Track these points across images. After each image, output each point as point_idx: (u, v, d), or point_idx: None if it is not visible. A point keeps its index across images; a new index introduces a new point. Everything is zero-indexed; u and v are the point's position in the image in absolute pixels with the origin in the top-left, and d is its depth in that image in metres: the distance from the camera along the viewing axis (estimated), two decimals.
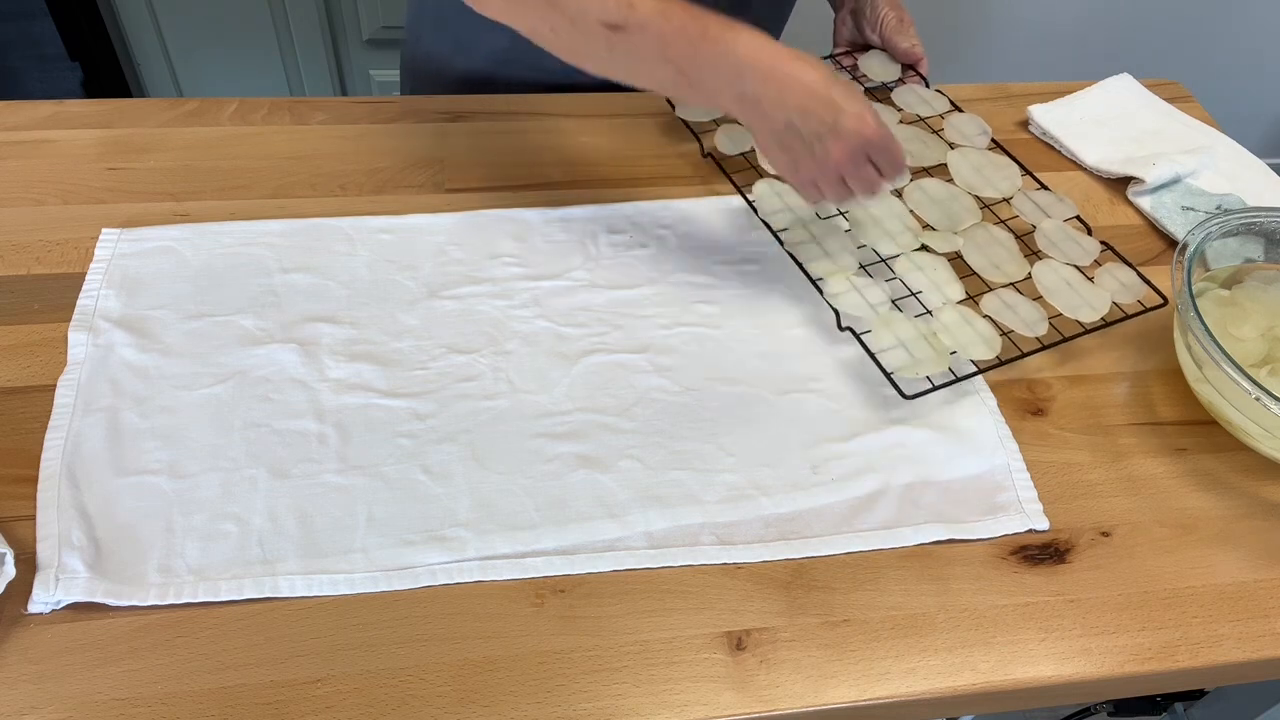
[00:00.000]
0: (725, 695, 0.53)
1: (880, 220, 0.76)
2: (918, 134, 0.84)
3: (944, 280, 0.72)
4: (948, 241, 0.75)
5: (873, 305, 0.70)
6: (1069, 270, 0.73)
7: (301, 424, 0.64)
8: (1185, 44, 1.95)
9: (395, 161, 0.84)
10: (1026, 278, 0.73)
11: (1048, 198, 0.80)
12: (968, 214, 0.77)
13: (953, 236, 0.76)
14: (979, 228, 0.76)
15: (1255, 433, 0.64)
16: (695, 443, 0.65)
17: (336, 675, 0.53)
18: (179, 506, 0.59)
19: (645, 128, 0.90)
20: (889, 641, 0.56)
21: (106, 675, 0.52)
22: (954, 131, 0.84)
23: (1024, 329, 0.69)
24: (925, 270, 0.73)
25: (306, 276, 0.73)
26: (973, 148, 0.83)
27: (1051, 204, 0.79)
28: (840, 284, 0.72)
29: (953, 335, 0.68)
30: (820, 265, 0.73)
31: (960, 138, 0.84)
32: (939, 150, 0.83)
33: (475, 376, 0.68)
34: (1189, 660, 0.57)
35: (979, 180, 0.80)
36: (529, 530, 0.59)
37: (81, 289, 0.70)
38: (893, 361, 0.67)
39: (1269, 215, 0.73)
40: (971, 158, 0.82)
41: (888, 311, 0.70)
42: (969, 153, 0.82)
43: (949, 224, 0.77)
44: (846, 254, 0.74)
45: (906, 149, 0.77)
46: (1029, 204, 0.79)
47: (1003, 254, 0.74)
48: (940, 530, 0.61)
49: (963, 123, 0.85)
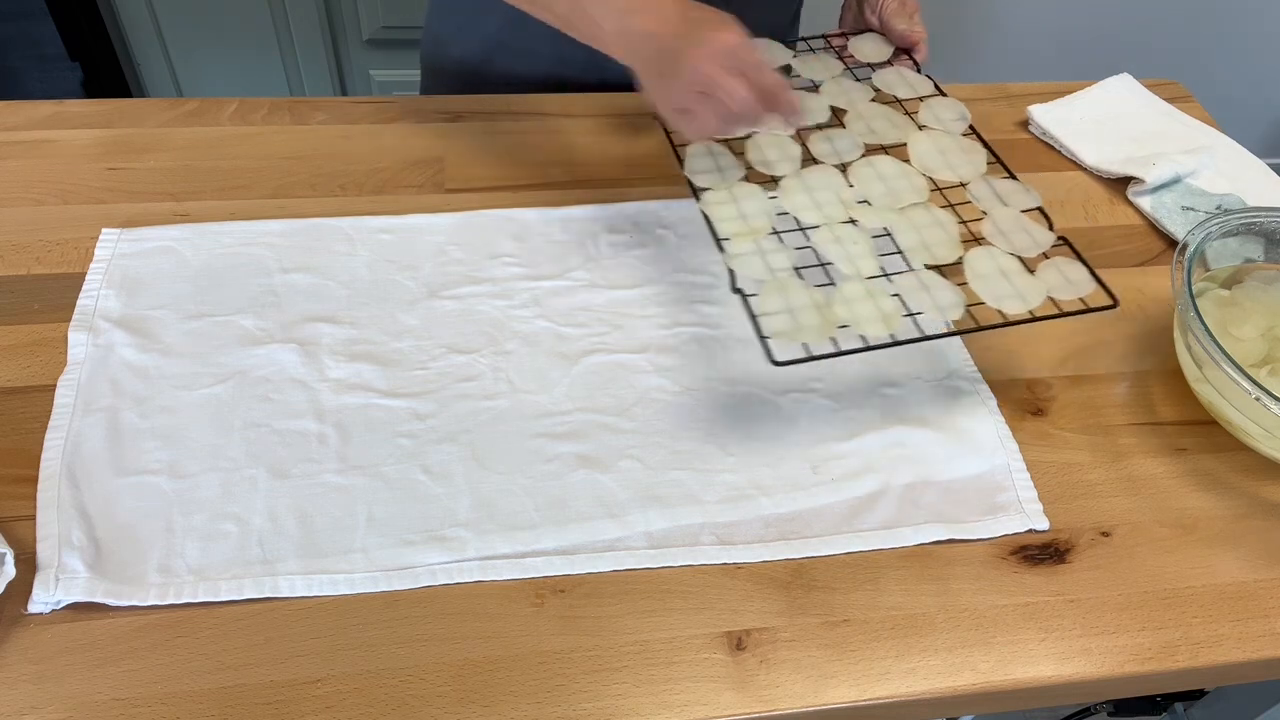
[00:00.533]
0: (725, 695, 0.53)
1: (813, 189, 0.72)
2: (888, 113, 0.80)
3: (860, 254, 0.67)
4: (879, 217, 0.70)
5: (773, 269, 0.66)
6: (1009, 260, 0.68)
7: (301, 424, 0.64)
8: (1185, 44, 1.95)
9: (395, 161, 0.84)
10: (957, 262, 0.67)
11: (1011, 186, 0.74)
12: (913, 193, 0.72)
13: (887, 213, 0.71)
14: (920, 208, 0.71)
15: (1255, 433, 0.64)
16: (695, 443, 0.65)
17: (336, 675, 0.53)
18: (179, 506, 0.59)
19: (645, 128, 0.90)
20: (889, 641, 0.56)
21: (106, 675, 0.52)
22: (929, 115, 0.80)
23: (935, 312, 0.64)
24: (844, 243, 0.68)
25: (306, 276, 0.73)
26: (944, 131, 0.78)
27: (1013, 193, 0.74)
28: (745, 245, 0.68)
29: (851, 309, 0.63)
30: (730, 225, 0.70)
31: (934, 121, 0.79)
32: (905, 131, 0.78)
33: (475, 376, 0.68)
34: (1189, 660, 0.57)
35: (939, 163, 0.75)
36: (529, 530, 0.59)
37: (81, 289, 0.70)
38: (772, 326, 0.62)
39: (1269, 215, 0.73)
40: (939, 141, 0.77)
41: (787, 277, 0.65)
42: (937, 136, 0.78)
43: (890, 201, 0.72)
44: (763, 217, 0.70)
45: (871, 126, 0.77)
46: (987, 191, 0.74)
47: (940, 236, 0.69)
48: (940, 530, 0.61)
49: (941, 107, 0.81)
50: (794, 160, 0.73)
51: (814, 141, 0.75)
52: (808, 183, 0.73)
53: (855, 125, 0.77)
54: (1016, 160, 0.90)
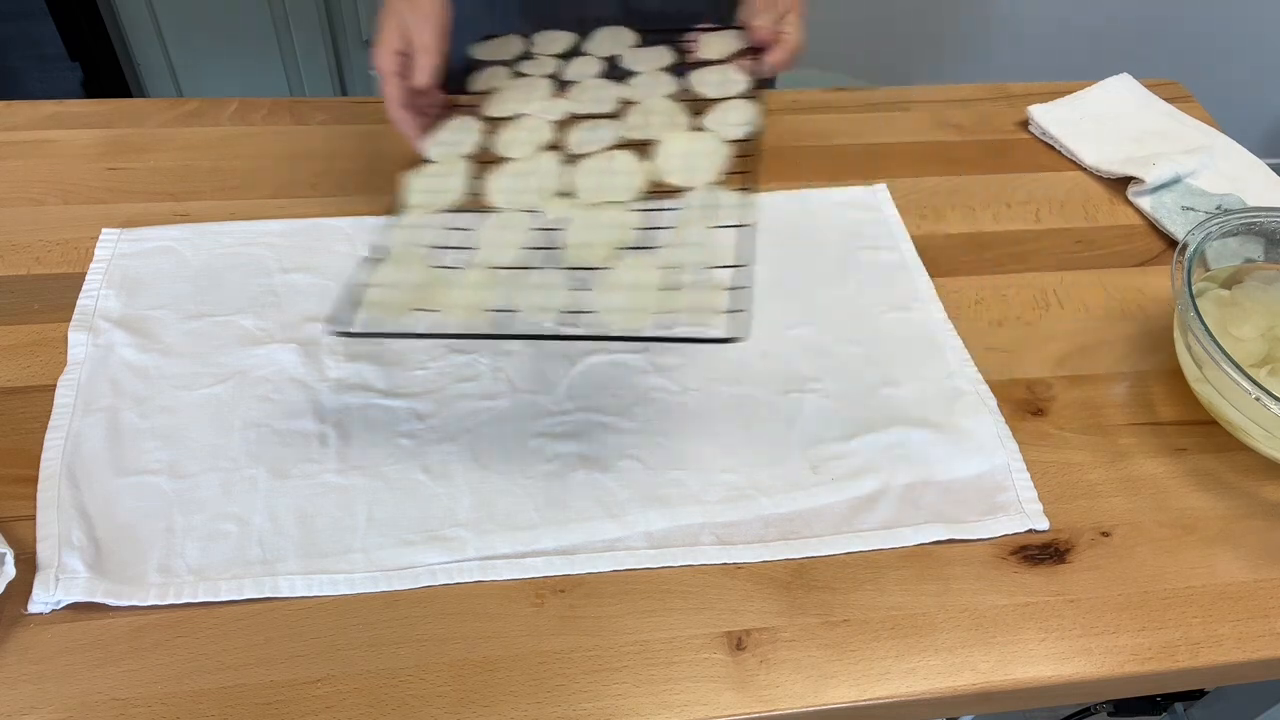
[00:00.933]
0: (725, 695, 0.53)
1: (525, 174, 0.68)
2: (674, 111, 0.73)
3: (508, 244, 0.63)
4: (566, 210, 0.65)
5: (411, 244, 0.63)
6: (652, 274, 0.61)
7: (301, 424, 0.64)
8: (1185, 44, 1.95)
9: (395, 161, 0.83)
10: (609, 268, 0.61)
11: (735, 199, 0.66)
12: (620, 192, 0.66)
13: (577, 207, 0.65)
14: (616, 208, 0.66)
15: (1255, 433, 0.64)
16: (695, 443, 0.65)
17: (336, 675, 0.53)
18: (179, 506, 0.59)
19: None
20: (889, 641, 0.56)
21: (106, 675, 0.52)
22: (716, 118, 0.73)
23: (537, 312, 0.59)
24: (505, 229, 0.64)
25: (306, 276, 0.73)
26: (711, 134, 0.71)
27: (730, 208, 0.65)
28: (414, 218, 0.65)
29: (450, 295, 0.59)
30: (419, 197, 0.67)
31: (716, 124, 0.72)
32: (671, 129, 0.72)
33: (475, 376, 0.68)
34: (1189, 660, 0.57)
35: (677, 165, 0.69)
36: (529, 530, 0.59)
37: (81, 289, 0.70)
38: (367, 297, 0.59)
39: (1269, 215, 0.73)
40: (699, 144, 0.71)
41: (416, 253, 0.62)
42: (701, 138, 0.71)
43: (593, 196, 0.66)
44: (452, 195, 0.67)
45: (647, 121, 0.72)
46: (703, 201, 0.66)
47: (608, 238, 0.63)
48: (940, 530, 0.61)
49: (735, 111, 0.74)
50: (535, 145, 0.70)
51: (577, 129, 0.72)
52: (526, 167, 0.69)
53: (632, 118, 0.73)
54: (1016, 160, 0.91)
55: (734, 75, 0.78)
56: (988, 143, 0.92)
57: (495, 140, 0.71)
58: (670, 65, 0.79)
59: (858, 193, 0.85)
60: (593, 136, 0.71)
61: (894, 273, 0.78)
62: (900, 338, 0.73)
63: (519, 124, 0.73)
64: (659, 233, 0.64)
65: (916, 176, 0.87)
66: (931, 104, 0.96)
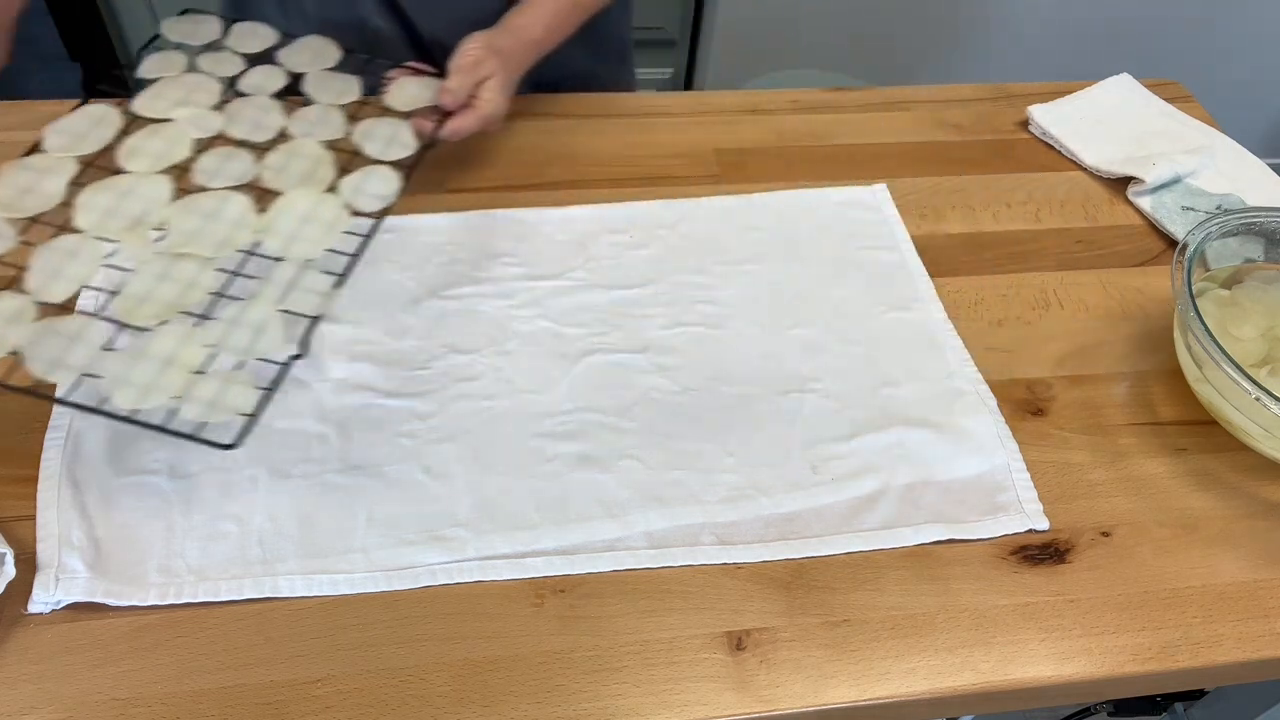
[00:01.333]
0: (725, 695, 0.53)
1: (125, 195, 0.63)
2: (324, 160, 0.69)
3: (70, 276, 0.58)
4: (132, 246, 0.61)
5: None
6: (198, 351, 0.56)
7: (302, 424, 0.64)
8: (1185, 44, 1.95)
9: None
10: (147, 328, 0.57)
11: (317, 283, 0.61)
12: (209, 245, 0.61)
13: (143, 247, 0.61)
14: (190, 260, 0.60)
15: (1255, 433, 0.64)
16: (695, 443, 0.65)
17: (336, 675, 0.53)
18: (179, 506, 0.59)
19: (645, 128, 0.90)
20: (889, 641, 0.56)
21: (106, 675, 0.52)
22: (354, 181, 0.68)
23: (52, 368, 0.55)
24: (73, 259, 0.59)
25: None
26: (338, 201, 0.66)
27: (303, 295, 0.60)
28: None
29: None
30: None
31: (350, 189, 0.67)
32: (305, 184, 0.66)
33: (476, 376, 0.68)
34: (1189, 660, 0.57)
35: (284, 231, 0.63)
36: (529, 530, 0.59)
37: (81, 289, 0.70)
38: None
39: (1269, 215, 0.73)
40: (322, 208, 0.65)
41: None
42: (327, 201, 0.65)
43: (181, 242, 0.62)
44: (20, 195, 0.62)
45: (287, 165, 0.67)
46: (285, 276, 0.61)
47: (171, 296, 0.58)
48: (940, 530, 0.61)
49: (377, 179, 0.68)
50: (159, 162, 0.66)
51: (213, 154, 0.67)
52: (134, 186, 0.64)
53: (274, 158, 0.68)
54: (1016, 160, 0.91)
55: (404, 135, 0.72)
56: (988, 143, 0.92)
57: (122, 144, 0.65)
58: (352, 103, 0.74)
59: (857, 193, 0.85)
60: (221, 168, 0.66)
61: (894, 273, 0.78)
62: (900, 338, 0.73)
63: (158, 131, 0.68)
64: (230, 303, 0.59)
65: (916, 176, 0.87)
66: (931, 104, 0.96)
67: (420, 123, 0.74)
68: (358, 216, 0.65)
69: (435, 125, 0.74)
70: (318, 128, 0.71)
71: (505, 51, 0.77)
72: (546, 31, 0.80)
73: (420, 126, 0.74)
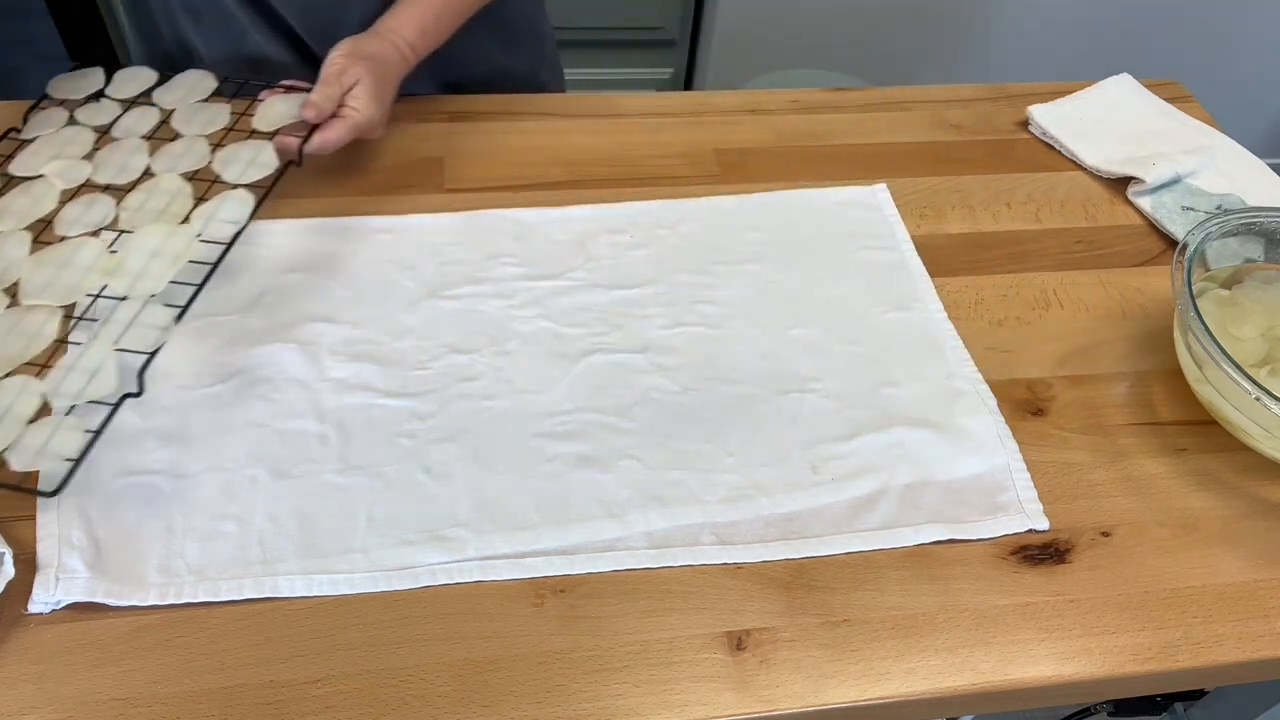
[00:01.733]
0: (725, 695, 0.53)
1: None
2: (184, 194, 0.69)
3: None
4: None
5: None
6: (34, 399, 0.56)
7: (302, 424, 0.64)
8: (1185, 44, 1.95)
9: (395, 161, 0.84)
10: None
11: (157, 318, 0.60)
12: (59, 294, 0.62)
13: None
14: (35, 311, 0.61)
15: (1255, 433, 0.64)
16: (695, 443, 0.65)
17: (336, 675, 0.53)
18: (179, 506, 0.59)
19: (645, 128, 0.90)
20: (889, 641, 0.56)
21: (106, 675, 0.52)
22: (206, 210, 0.67)
23: None
24: None
25: (306, 276, 0.73)
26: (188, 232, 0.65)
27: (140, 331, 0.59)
28: None
29: None
30: None
31: (202, 218, 0.67)
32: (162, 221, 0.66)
33: (476, 376, 0.68)
34: (1189, 660, 0.57)
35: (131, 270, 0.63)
36: (529, 530, 0.59)
37: None
38: None
39: (1269, 215, 0.73)
40: (168, 242, 0.65)
41: None
42: (171, 237, 0.65)
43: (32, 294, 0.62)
44: None
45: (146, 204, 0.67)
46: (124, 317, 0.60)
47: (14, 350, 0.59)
48: (940, 530, 0.61)
49: (230, 206, 0.68)
50: (18, 220, 0.66)
51: (75, 204, 0.68)
52: None
53: (134, 198, 0.68)
54: (1016, 160, 0.91)
55: (265, 156, 0.71)
56: (988, 143, 0.92)
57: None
58: (219, 130, 0.74)
59: (857, 192, 0.85)
60: (82, 216, 0.66)
61: (894, 272, 0.78)
62: (900, 338, 0.73)
63: (28, 188, 0.69)
64: (72, 348, 0.59)
65: (916, 176, 0.87)
66: (931, 104, 0.96)
67: (284, 140, 0.73)
68: (208, 244, 0.65)
69: (301, 140, 0.73)
70: (182, 161, 0.71)
71: (373, 56, 0.75)
72: (420, 33, 0.78)
73: (284, 144, 0.73)
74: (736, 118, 0.92)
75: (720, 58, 1.82)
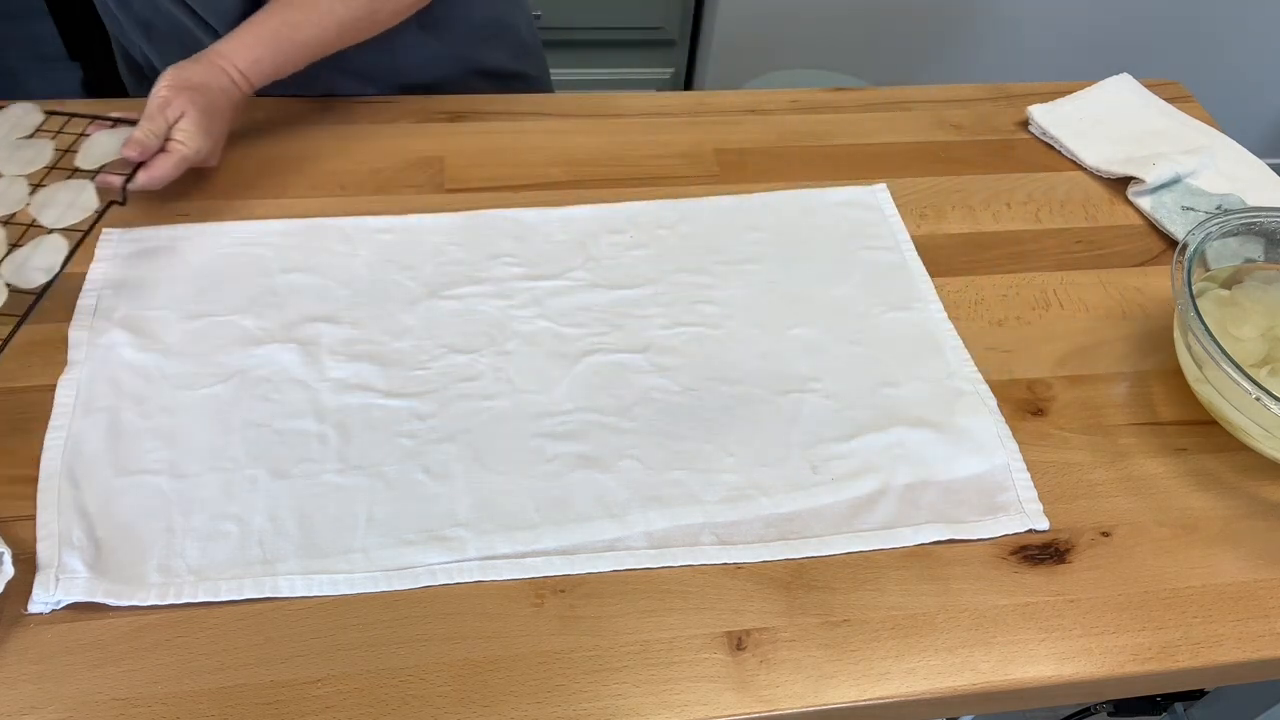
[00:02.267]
0: (725, 695, 0.53)
1: None
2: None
3: None
4: None
5: None
6: None
7: (302, 424, 0.64)
8: (1185, 44, 1.95)
9: (395, 161, 0.84)
10: None
11: None
12: None
13: None
14: None
15: (1255, 433, 0.64)
16: (695, 443, 0.65)
17: (336, 675, 0.53)
18: (179, 506, 0.59)
19: (645, 128, 0.90)
20: (889, 641, 0.56)
21: (106, 675, 0.52)
22: (19, 256, 0.66)
23: None
24: None
25: (306, 276, 0.73)
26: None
27: None
28: None
29: None
30: None
31: (12, 267, 0.65)
32: None
33: (476, 376, 0.68)
34: (1189, 660, 0.57)
35: None
36: (529, 530, 0.59)
37: (82, 289, 0.70)
38: None
39: (1269, 215, 0.73)
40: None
41: None
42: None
43: None
44: None
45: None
46: None
47: None
48: (940, 530, 0.61)
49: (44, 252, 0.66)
50: None
51: None
52: None
53: None
54: (1016, 160, 0.91)
55: (86, 198, 0.69)
56: (988, 143, 0.92)
57: None
58: (40, 169, 0.71)
59: (857, 192, 0.85)
60: None
61: (894, 272, 0.78)
62: (900, 338, 0.73)
63: None
64: None
65: (916, 176, 0.87)
66: (931, 104, 0.96)
67: (106, 179, 0.70)
68: (17, 294, 0.63)
69: (125, 179, 0.70)
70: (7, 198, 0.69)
71: (198, 86, 0.73)
72: (253, 62, 0.75)
73: (106, 183, 0.70)
74: (736, 118, 0.92)
75: (720, 58, 1.82)
